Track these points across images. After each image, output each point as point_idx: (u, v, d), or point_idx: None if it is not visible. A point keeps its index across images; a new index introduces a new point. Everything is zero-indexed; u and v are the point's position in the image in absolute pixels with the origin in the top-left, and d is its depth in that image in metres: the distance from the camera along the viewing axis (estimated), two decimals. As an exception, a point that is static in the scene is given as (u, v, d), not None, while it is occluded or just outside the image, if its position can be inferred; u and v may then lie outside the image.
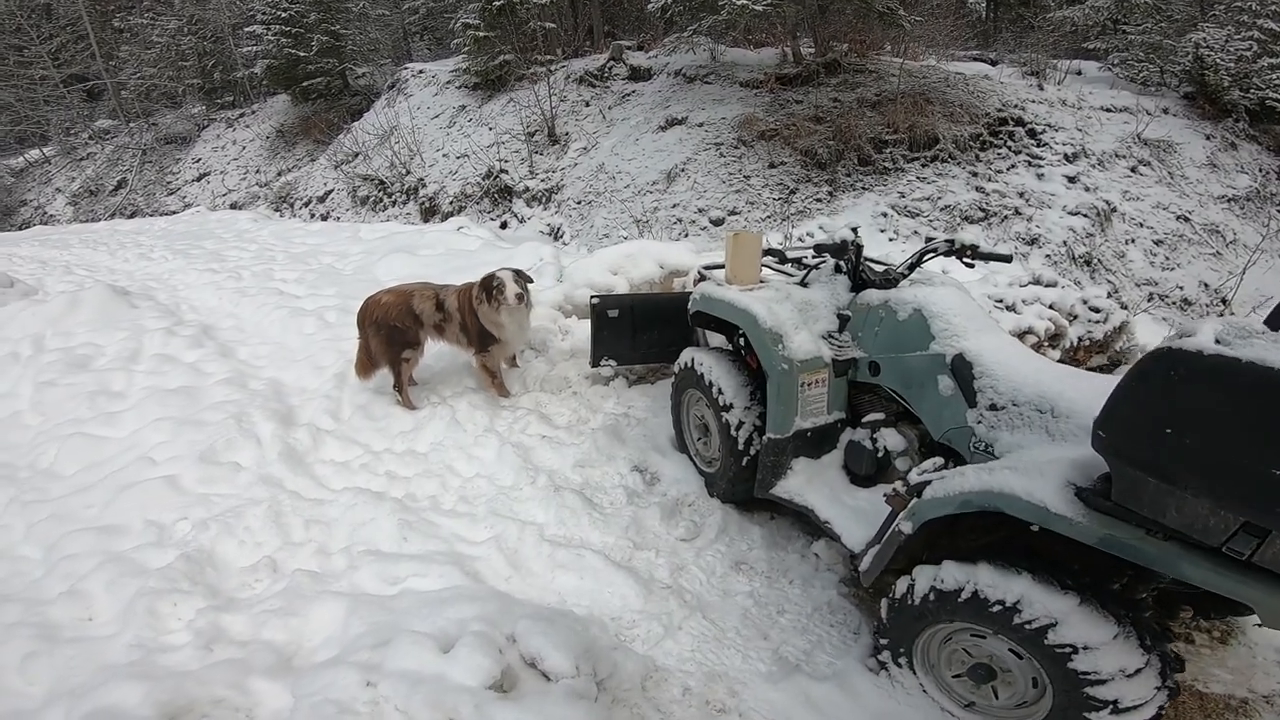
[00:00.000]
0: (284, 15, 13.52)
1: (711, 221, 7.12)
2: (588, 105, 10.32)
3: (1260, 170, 7.57)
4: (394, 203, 10.81)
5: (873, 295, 2.50)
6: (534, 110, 10.14)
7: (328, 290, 5.72)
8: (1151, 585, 1.83)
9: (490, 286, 3.35)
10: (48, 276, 7.43)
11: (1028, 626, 1.64)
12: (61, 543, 2.74)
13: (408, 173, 10.83)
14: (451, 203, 9.73)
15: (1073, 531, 1.48)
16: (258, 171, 15.37)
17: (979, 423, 2.04)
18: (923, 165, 7.11)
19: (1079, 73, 10.21)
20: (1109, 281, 6.27)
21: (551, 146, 10.02)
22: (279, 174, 14.71)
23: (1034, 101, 7.86)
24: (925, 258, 2.60)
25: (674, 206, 7.41)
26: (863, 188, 7.02)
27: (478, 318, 3.40)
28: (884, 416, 2.53)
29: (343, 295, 5.51)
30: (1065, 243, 6.41)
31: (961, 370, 2.11)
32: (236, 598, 2.43)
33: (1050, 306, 4.25)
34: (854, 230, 2.56)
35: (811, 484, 2.60)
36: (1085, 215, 6.58)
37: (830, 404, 2.57)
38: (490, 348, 3.50)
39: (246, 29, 15.71)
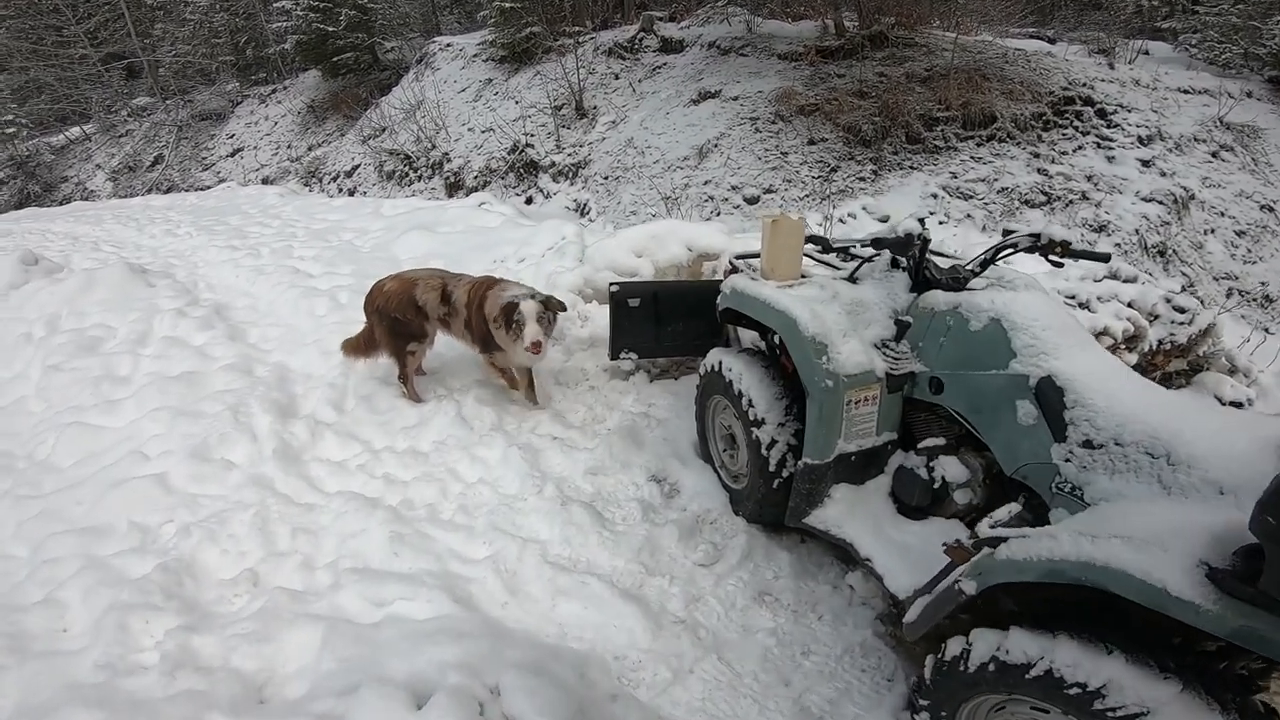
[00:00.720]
0: (314, -10, 13.35)
1: (745, 200, 6.72)
2: (617, 78, 9.90)
3: None
4: (419, 177, 10.61)
5: (939, 298, 2.13)
6: (561, 83, 9.76)
7: (344, 269, 5.55)
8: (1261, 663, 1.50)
9: (510, 318, 2.96)
10: (75, 253, 7.43)
11: (1112, 714, 1.33)
12: (47, 544, 2.62)
13: (433, 147, 10.59)
14: (476, 177, 9.47)
15: (1201, 621, 1.16)
16: (289, 147, 15.34)
17: (1067, 461, 1.73)
18: (978, 144, 6.57)
19: (1147, 53, 9.40)
20: (1184, 274, 5.71)
21: (579, 120, 9.65)
22: (309, 149, 14.65)
23: (1104, 80, 7.20)
24: (1002, 254, 2.22)
25: (705, 184, 7.03)
26: (910, 167, 6.53)
27: (485, 322, 3.10)
28: (944, 442, 2.19)
29: (358, 275, 5.32)
30: (1137, 231, 5.85)
31: (1049, 396, 1.78)
32: (212, 613, 2.25)
33: (1129, 304, 3.81)
34: (920, 222, 2.19)
35: (853, 514, 2.28)
36: (1160, 202, 5.99)
37: (880, 424, 2.24)
38: (496, 353, 3.22)
39: (276, 4, 15.56)
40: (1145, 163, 6.33)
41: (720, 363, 2.63)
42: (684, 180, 7.21)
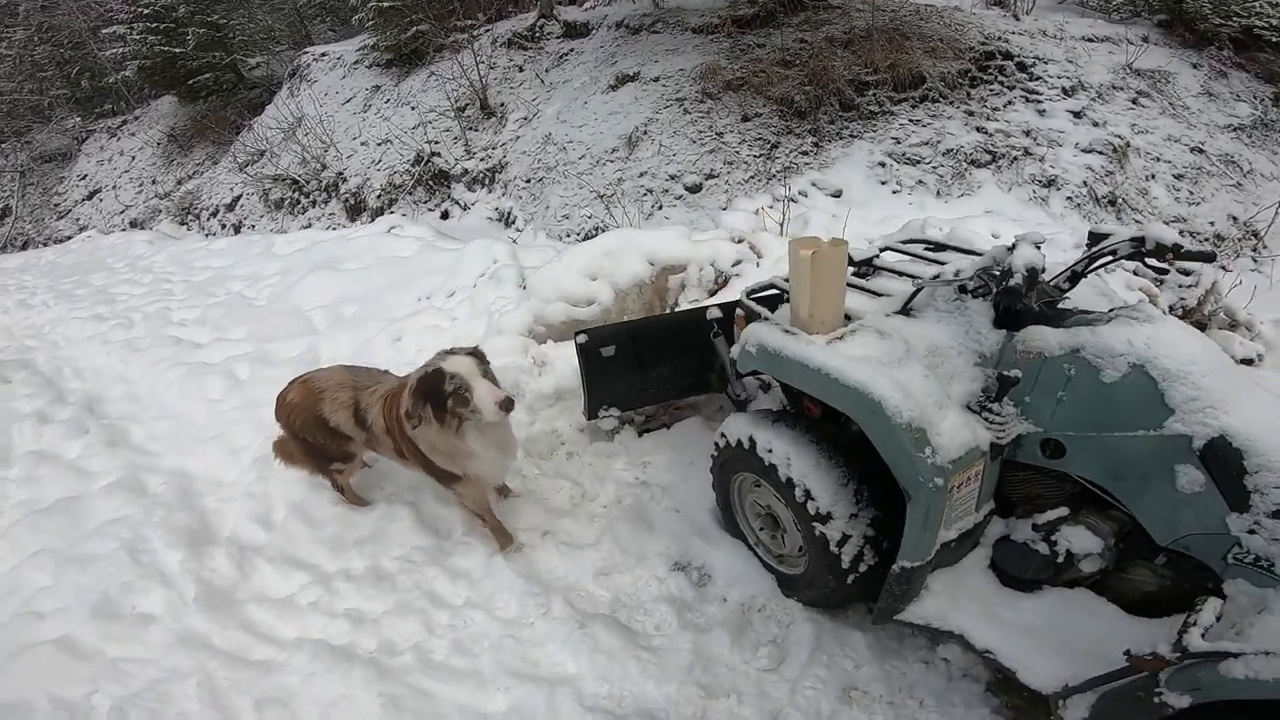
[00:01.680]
0: (147, 11, 11.70)
1: (687, 189, 6.23)
2: (521, 70, 9.14)
3: (1255, 98, 7.08)
4: (313, 203, 9.51)
5: (1047, 338, 1.67)
6: (460, 83, 8.92)
7: (237, 332, 4.68)
8: None
9: (437, 395, 2.02)
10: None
11: None
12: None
13: (323, 168, 9.51)
14: (379, 196, 8.54)
15: None
16: (154, 182, 13.60)
17: (1252, 532, 1.44)
18: (912, 106, 6.32)
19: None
20: (1136, 222, 5.68)
21: (487, 121, 8.86)
22: (178, 183, 13.02)
23: (1016, 33, 7.12)
24: (1096, 265, 1.79)
25: (641, 176, 6.48)
26: (851, 135, 6.21)
27: (417, 445, 2.23)
28: (1066, 511, 1.77)
29: (257, 338, 4.49)
30: (1085, 183, 5.76)
31: (1224, 460, 1.46)
32: None
33: (1134, 273, 3.58)
34: (1036, 246, 1.69)
35: (955, 601, 1.84)
36: (1100, 152, 5.93)
37: (981, 499, 1.79)
38: (455, 485, 2.35)
39: (107, 30, 13.68)
40: (1076, 114, 6.26)
41: (751, 438, 2.08)
42: (616, 174, 6.64)
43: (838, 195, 5.81)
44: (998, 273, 1.70)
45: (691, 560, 2.44)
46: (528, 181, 7.57)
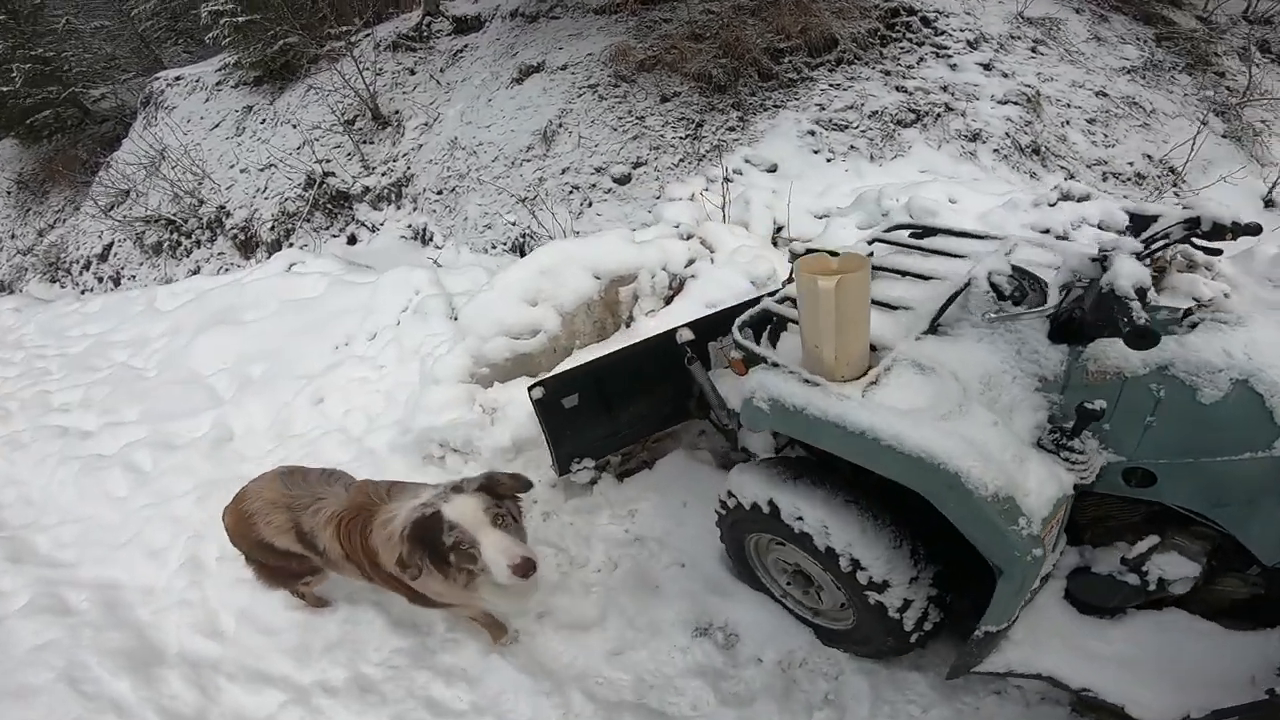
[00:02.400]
0: (-43, 51, 10.23)
1: (615, 180, 5.84)
2: (413, 73, 8.44)
3: (1139, 39, 7.29)
4: (196, 243, 8.51)
5: (1128, 356, 1.42)
6: (345, 93, 8.14)
7: (128, 413, 3.98)
8: None
9: (438, 549, 1.64)
10: None
11: None
12: None
13: (200, 203, 8.51)
14: (273, 228, 7.70)
15: None
16: (13, 237, 11.98)
17: None
18: (830, 70, 6.15)
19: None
20: (1063, 168, 5.72)
21: (382, 131, 8.14)
22: (39, 235, 11.51)
23: (912, -14, 7.04)
24: (1150, 251, 1.55)
25: (563, 172, 6.03)
26: (774, 105, 5.98)
27: (397, 577, 1.81)
28: (1158, 540, 1.54)
29: (153, 417, 3.83)
30: (1008, 134, 5.76)
31: None
32: None
33: (1099, 226, 3.47)
34: (1138, 256, 1.41)
35: (1036, 642, 1.58)
36: (1015, 103, 5.96)
37: (1059, 540, 1.57)
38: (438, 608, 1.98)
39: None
40: (985, 66, 6.26)
41: (773, 504, 1.75)
42: (536, 174, 6.16)
43: (773, 170, 5.57)
44: (1083, 290, 1.42)
45: (712, 621, 2.12)
46: (439, 193, 6.97)
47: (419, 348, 3.78)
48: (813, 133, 5.73)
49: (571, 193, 5.93)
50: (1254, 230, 1.61)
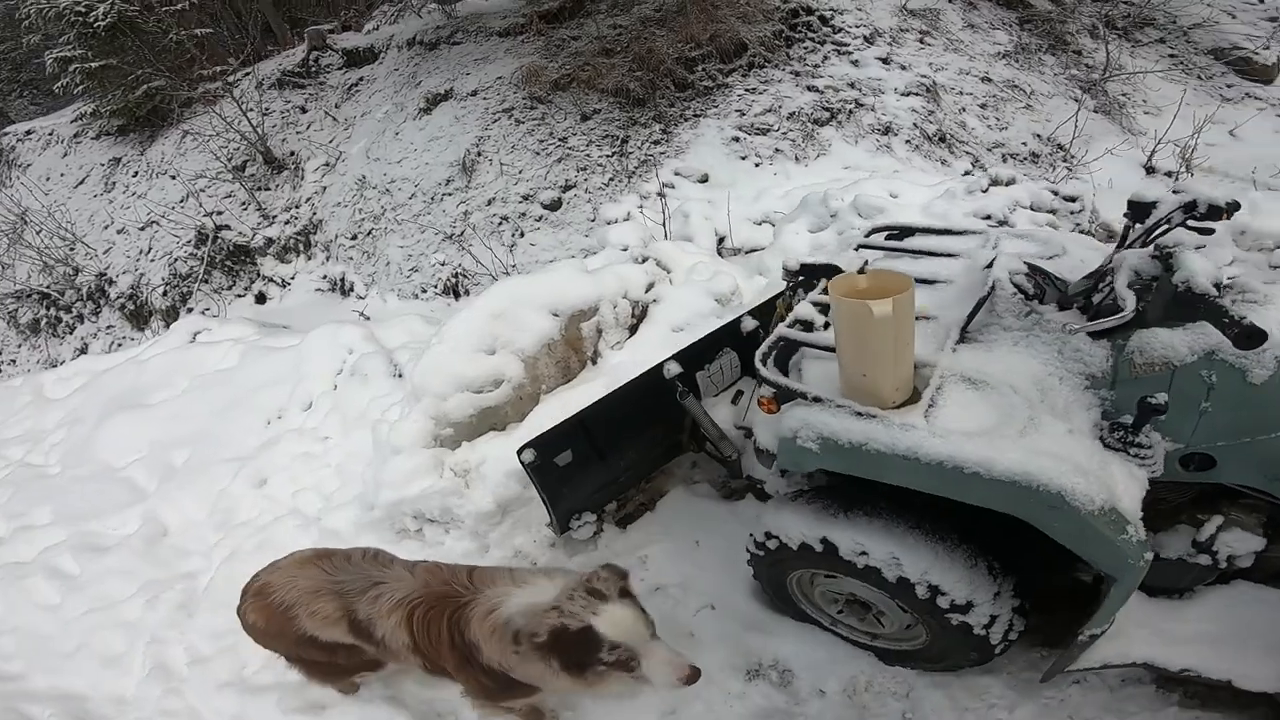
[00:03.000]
0: None
1: (546, 207, 5.63)
2: (304, 111, 7.91)
3: (1005, 23, 7.83)
4: (79, 318, 7.59)
5: (1174, 343, 1.40)
6: (229, 137, 7.52)
7: (39, 515, 3.49)
8: None
9: (580, 661, 1.46)
10: None
11: None
12: None
13: (76, 271, 7.62)
14: (165, 293, 6.97)
15: None
16: None
17: None
18: (743, 75, 6.21)
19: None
20: (968, 154, 6.00)
21: (277, 176, 7.57)
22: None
23: (804, -14, 7.24)
24: (1154, 236, 1.54)
25: (489, 204, 5.77)
26: (695, 115, 5.96)
27: (487, 672, 1.63)
28: (1222, 520, 1.56)
29: (69, 518, 3.39)
30: (915, 124, 5.98)
31: None
32: None
33: (1030, 208, 3.60)
34: (1143, 243, 1.47)
35: (1125, 633, 1.57)
36: (916, 94, 6.21)
37: None
38: (520, 701, 1.78)
39: None
40: (884, 60, 6.51)
41: (827, 541, 1.64)
42: (460, 208, 5.86)
43: (704, 180, 5.54)
44: (1155, 285, 1.39)
45: (761, 660, 1.99)
46: (354, 237, 6.52)
47: (364, 413, 3.45)
48: (737, 139, 5.75)
49: (501, 224, 5.67)
50: (1237, 207, 1.65)
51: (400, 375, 3.71)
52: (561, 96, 6.01)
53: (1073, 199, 3.73)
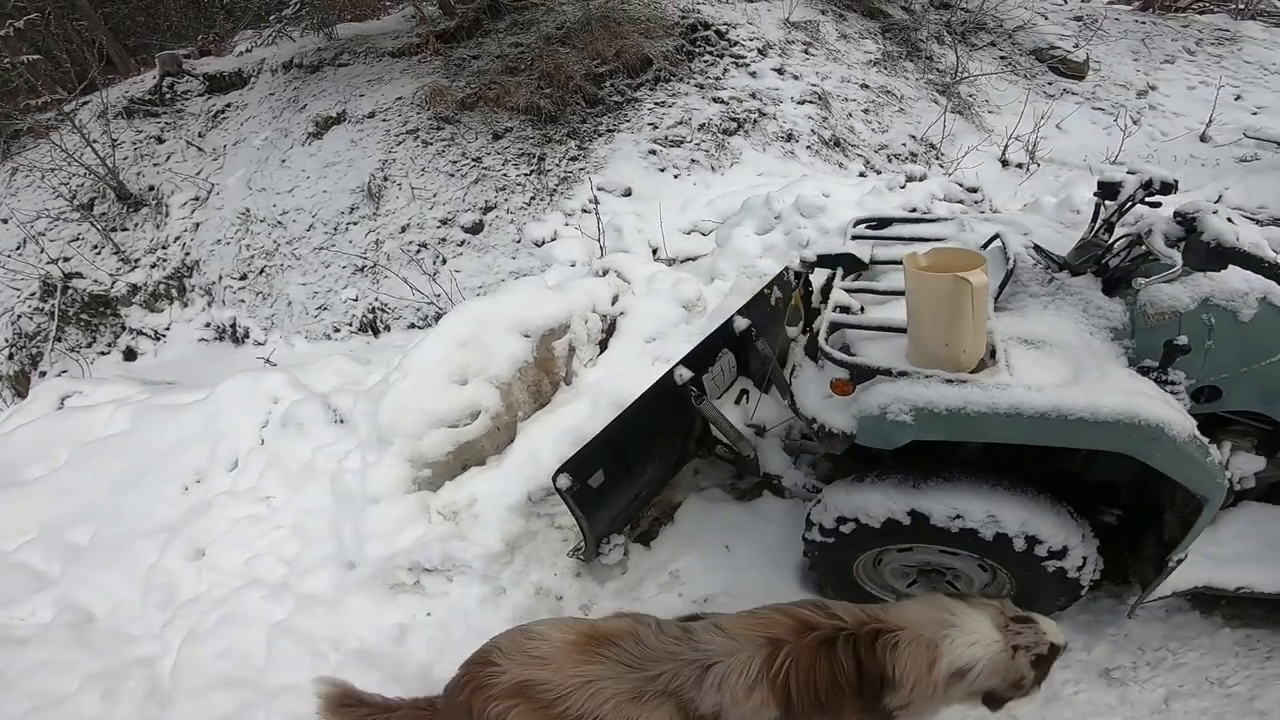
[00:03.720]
0: None
1: (466, 230, 5.35)
2: (161, 141, 7.06)
3: (871, 33, 8.53)
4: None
5: (1177, 295, 1.66)
6: (73, 170, 6.55)
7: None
8: None
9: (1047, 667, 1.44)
10: None
11: None
12: None
13: (-123, 344, 6.26)
14: (11, 355, 5.89)
15: None
16: None
17: None
18: (651, 89, 6.31)
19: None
20: (859, 156, 6.44)
21: (135, 214, 6.68)
22: None
23: (703, 2, 7.54)
24: (1124, 211, 1.79)
25: (403, 230, 5.40)
26: (609, 130, 5.96)
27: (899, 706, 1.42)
28: (1230, 446, 1.79)
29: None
30: (813, 130, 6.35)
31: None
32: None
33: (944, 199, 3.91)
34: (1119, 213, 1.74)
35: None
36: (810, 101, 6.61)
37: None
38: None
39: None
40: (779, 71, 6.87)
41: (917, 513, 1.68)
42: (369, 237, 5.44)
43: (628, 194, 5.54)
44: (1184, 244, 1.58)
45: None
46: (243, 278, 5.86)
47: (311, 465, 3.07)
48: (654, 151, 5.81)
49: (419, 251, 5.32)
50: (1177, 184, 1.91)
51: (342, 421, 3.34)
52: (470, 116, 5.79)
53: (974, 190, 4.10)
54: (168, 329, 5.96)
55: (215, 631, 2.25)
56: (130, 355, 5.83)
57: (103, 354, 5.83)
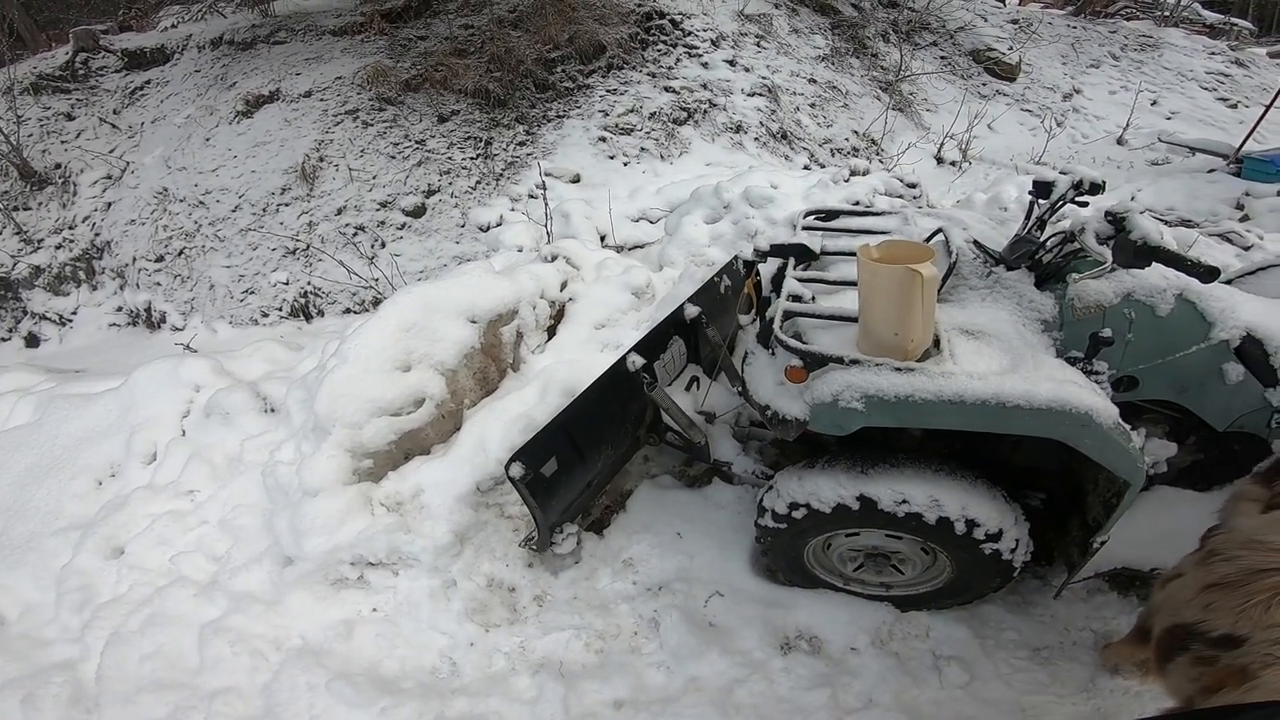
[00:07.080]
0: None
1: (407, 213, 5.16)
2: (71, 118, 6.53)
3: (820, 29, 8.68)
4: None
5: (1102, 290, 1.74)
6: (-34, 146, 5.98)
7: None
8: None
9: None
10: None
11: None
12: None
13: None
14: (-110, 347, 5.34)
15: None
16: None
17: None
18: (603, 76, 6.23)
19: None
20: (805, 149, 6.54)
21: (39, 192, 6.16)
22: None
23: (655, -9, 7.47)
24: (1056, 210, 1.86)
25: (339, 213, 5.16)
26: (558, 115, 5.85)
27: None
28: (1144, 433, 1.91)
29: None
30: (761, 123, 6.41)
31: (1253, 351, 1.76)
32: None
33: (885, 193, 4.01)
34: (1051, 211, 1.79)
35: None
36: (760, 94, 6.66)
37: None
38: None
39: None
40: (731, 63, 6.90)
41: (865, 498, 1.71)
42: (302, 219, 5.17)
43: (576, 180, 5.46)
44: (1113, 241, 1.66)
45: (788, 634, 1.97)
46: (159, 260, 5.49)
47: (239, 458, 2.90)
48: (604, 139, 5.75)
49: (357, 234, 5.10)
50: (1105, 185, 2.01)
51: (273, 410, 3.17)
52: (414, 98, 5.58)
53: (914, 185, 4.23)
54: (74, 313, 5.53)
55: (141, 633, 2.10)
56: (33, 341, 5.38)
57: (2, 340, 5.36)
